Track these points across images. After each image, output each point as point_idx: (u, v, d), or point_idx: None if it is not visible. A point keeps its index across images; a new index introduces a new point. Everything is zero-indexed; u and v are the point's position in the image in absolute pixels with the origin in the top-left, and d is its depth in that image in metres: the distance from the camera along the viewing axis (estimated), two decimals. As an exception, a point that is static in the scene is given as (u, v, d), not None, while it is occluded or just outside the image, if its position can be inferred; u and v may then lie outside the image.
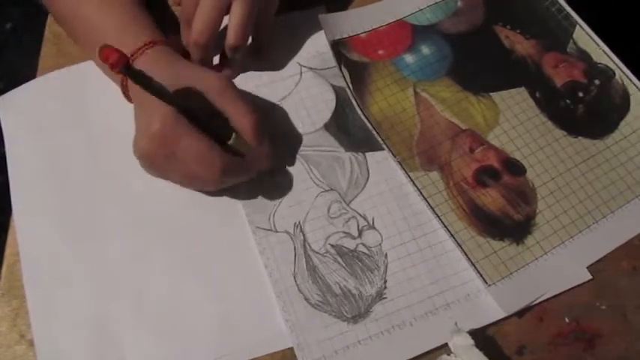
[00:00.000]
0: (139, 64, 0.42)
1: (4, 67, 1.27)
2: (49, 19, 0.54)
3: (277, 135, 0.48)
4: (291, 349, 0.40)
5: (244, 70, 0.51)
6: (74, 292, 0.42)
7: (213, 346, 0.41)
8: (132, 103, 0.44)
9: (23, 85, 0.50)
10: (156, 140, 0.40)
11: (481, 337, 0.40)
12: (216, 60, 0.50)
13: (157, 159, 0.41)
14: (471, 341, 0.38)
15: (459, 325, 0.40)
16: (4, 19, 1.37)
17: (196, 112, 0.40)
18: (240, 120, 0.41)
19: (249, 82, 0.51)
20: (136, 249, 0.44)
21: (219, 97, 0.41)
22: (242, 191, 0.46)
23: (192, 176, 0.42)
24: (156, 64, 0.42)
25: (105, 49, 0.33)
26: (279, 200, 0.46)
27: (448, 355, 0.39)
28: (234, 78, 0.51)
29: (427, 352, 0.40)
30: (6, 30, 1.37)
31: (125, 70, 0.34)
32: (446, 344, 0.40)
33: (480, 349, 0.38)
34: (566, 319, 0.42)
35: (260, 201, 0.45)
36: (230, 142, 0.41)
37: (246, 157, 0.42)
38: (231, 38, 0.45)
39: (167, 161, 0.40)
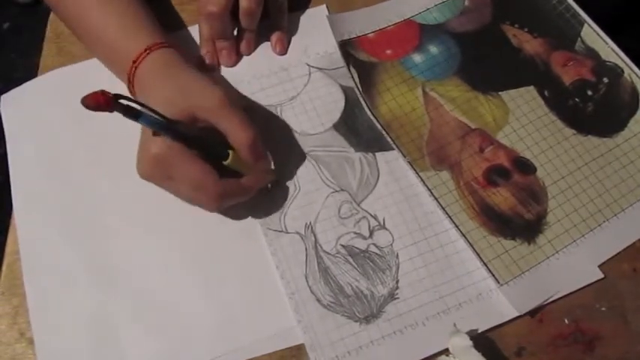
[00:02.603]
0: (141, 71, 0.43)
1: (2, 67, 1.27)
2: (51, 18, 0.54)
3: (286, 135, 0.48)
4: (294, 347, 0.40)
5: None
6: (74, 291, 0.42)
7: (215, 345, 0.41)
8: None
9: (25, 84, 0.50)
10: (153, 164, 0.40)
11: (480, 338, 0.40)
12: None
13: (156, 181, 0.41)
14: (469, 342, 0.38)
15: (470, 325, 0.41)
16: (3, 18, 1.37)
17: (192, 133, 0.39)
18: (237, 137, 0.40)
19: (258, 83, 0.51)
20: (138, 249, 0.44)
21: (215, 113, 0.40)
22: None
23: (190, 199, 0.41)
24: (156, 73, 0.42)
25: (85, 98, 0.33)
26: (290, 201, 0.46)
27: (447, 356, 0.39)
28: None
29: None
30: (4, 30, 1.37)
31: (111, 110, 0.33)
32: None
33: (479, 350, 0.38)
34: (566, 321, 0.42)
35: (270, 202, 0.45)
36: (227, 162, 0.40)
37: (245, 177, 0.42)
38: (244, 2, 0.47)
39: (167, 183, 0.41)
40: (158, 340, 0.41)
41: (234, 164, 0.41)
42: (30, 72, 0.52)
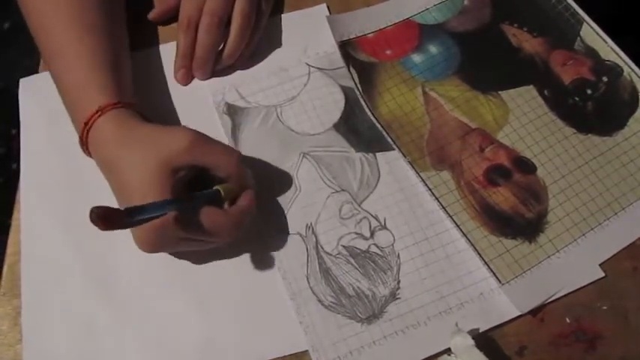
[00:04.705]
0: (95, 135, 0.40)
1: (3, 67, 1.27)
2: None
3: (288, 136, 0.48)
4: (298, 353, 0.40)
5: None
6: (68, 295, 0.42)
7: (215, 348, 0.41)
8: (90, 157, 0.42)
9: (46, 72, 0.50)
10: (159, 233, 0.37)
11: (482, 338, 0.40)
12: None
13: (166, 248, 0.40)
14: (471, 341, 0.38)
15: (472, 324, 0.41)
16: (3, 18, 1.37)
17: (183, 193, 0.39)
18: (226, 164, 0.40)
19: (258, 83, 0.51)
20: (137, 252, 0.43)
21: (194, 151, 0.38)
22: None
23: (209, 244, 0.41)
24: (112, 137, 0.40)
25: (92, 212, 0.31)
26: (290, 202, 0.46)
27: (449, 355, 0.39)
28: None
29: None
30: (5, 29, 1.36)
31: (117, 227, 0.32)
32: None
33: (481, 350, 0.38)
34: (567, 320, 0.42)
35: (271, 203, 0.45)
36: (223, 197, 0.40)
37: (242, 197, 0.41)
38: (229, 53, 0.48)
39: (178, 245, 0.39)
40: (154, 346, 0.41)
41: (228, 196, 0.40)
42: (30, 72, 0.52)
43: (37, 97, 0.50)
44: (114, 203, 0.45)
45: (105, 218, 0.31)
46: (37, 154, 0.48)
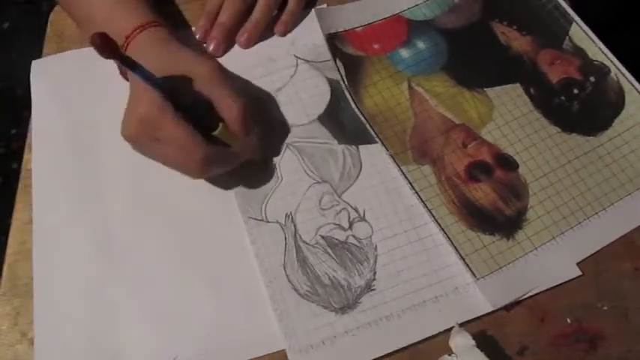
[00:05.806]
0: (132, 47, 0.43)
1: (2, 67, 1.28)
2: (51, 18, 0.55)
3: (271, 126, 0.48)
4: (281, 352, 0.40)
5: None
6: (77, 268, 0.43)
7: (205, 339, 0.41)
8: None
9: (58, 55, 0.52)
10: (140, 124, 0.40)
11: (482, 338, 0.40)
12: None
13: (141, 142, 0.41)
14: (472, 342, 0.38)
15: (446, 318, 0.41)
16: (3, 18, 1.38)
17: (184, 100, 0.40)
18: (227, 108, 0.41)
19: (245, 73, 0.51)
20: (134, 236, 0.44)
21: (207, 83, 0.41)
22: (234, 181, 0.46)
23: (175, 163, 0.42)
24: (148, 48, 0.43)
25: (94, 35, 0.33)
26: (271, 191, 0.46)
27: (449, 355, 0.39)
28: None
29: (429, 352, 0.40)
30: (4, 29, 1.37)
31: (113, 55, 0.34)
32: (440, 338, 0.40)
33: (482, 350, 0.37)
34: (568, 320, 0.41)
35: (252, 191, 0.46)
36: (216, 132, 0.41)
37: (232, 147, 0.42)
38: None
39: (151, 145, 0.41)
40: (151, 331, 0.41)
41: (223, 136, 0.41)
42: (30, 72, 0.52)
43: (49, 79, 0.50)
44: (126, 187, 0.46)
45: (103, 45, 0.33)
46: (48, 136, 0.48)
